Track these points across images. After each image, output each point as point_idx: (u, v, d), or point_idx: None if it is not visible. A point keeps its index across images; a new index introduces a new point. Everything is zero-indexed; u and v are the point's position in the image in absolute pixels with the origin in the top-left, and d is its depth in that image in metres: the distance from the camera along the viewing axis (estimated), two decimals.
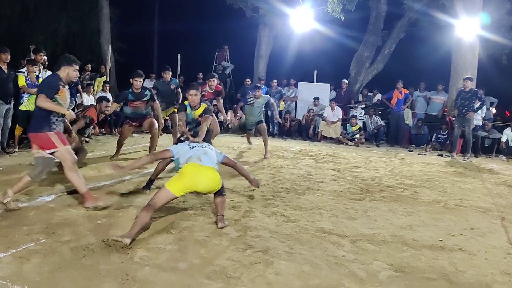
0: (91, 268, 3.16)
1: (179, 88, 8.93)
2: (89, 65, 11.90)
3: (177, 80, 9.32)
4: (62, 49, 15.13)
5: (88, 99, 10.21)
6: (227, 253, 3.56)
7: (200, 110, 5.66)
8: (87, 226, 4.03)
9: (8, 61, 7.26)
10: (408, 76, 12.62)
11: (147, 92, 7.21)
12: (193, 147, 4.40)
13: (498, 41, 12.36)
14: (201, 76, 13.39)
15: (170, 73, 8.90)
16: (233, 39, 16.27)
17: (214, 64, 15.51)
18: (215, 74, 8.44)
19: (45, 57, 8.41)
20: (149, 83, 11.79)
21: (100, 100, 7.19)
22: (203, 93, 7.29)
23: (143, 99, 7.13)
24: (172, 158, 4.41)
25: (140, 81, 7.03)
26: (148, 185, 5.42)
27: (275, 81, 12.48)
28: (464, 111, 10.06)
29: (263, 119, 8.63)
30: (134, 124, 7.40)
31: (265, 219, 4.52)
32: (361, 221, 4.65)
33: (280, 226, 4.34)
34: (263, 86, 7.97)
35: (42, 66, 8.18)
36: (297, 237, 4.05)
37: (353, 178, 6.88)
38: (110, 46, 13.61)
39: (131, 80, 7.06)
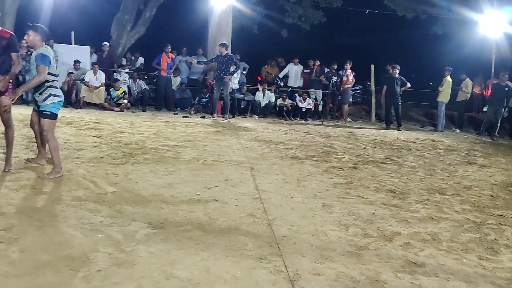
0: None
1: None
2: None
3: None
4: None
5: None
6: None
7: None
8: None
9: None
10: (170, 40, 12.77)
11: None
12: None
13: (249, 12, 13.62)
14: None
15: None
16: None
17: None
18: None
19: None
20: None
21: None
22: None
23: None
24: None
25: None
26: None
27: (24, 41, 10.94)
28: (222, 75, 10.78)
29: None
30: None
31: (10, 194, 4.00)
32: (121, 185, 4.54)
33: (30, 200, 3.91)
34: None
35: None
36: (49, 209, 3.72)
37: (116, 144, 6.68)
38: None
39: None
